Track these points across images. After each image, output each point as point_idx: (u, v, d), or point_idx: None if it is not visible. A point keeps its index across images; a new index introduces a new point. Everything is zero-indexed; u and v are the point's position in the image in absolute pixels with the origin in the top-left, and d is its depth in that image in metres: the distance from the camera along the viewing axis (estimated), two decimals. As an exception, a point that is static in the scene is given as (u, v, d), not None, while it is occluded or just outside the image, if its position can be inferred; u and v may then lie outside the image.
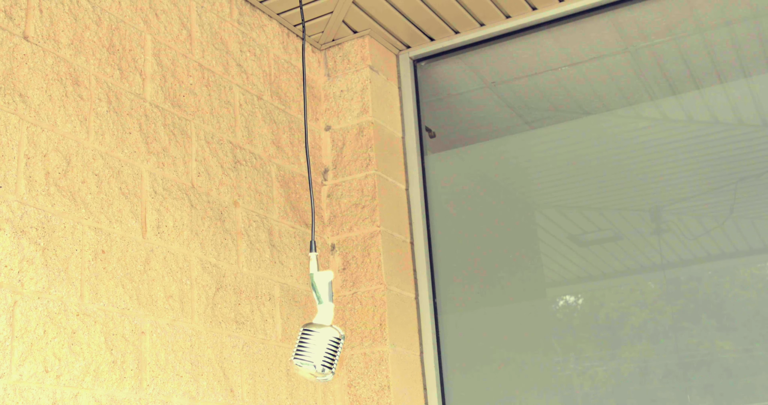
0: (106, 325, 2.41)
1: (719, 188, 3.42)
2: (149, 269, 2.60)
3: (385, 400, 3.23)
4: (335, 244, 3.48)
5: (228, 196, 2.99)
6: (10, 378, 2.12)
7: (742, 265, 3.46)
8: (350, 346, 3.35)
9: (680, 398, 3.28)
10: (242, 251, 3.00)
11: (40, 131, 2.36)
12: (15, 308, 2.17)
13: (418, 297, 3.54)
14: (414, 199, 3.66)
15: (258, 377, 2.93)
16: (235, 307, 2.90)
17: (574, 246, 3.72)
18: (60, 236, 2.34)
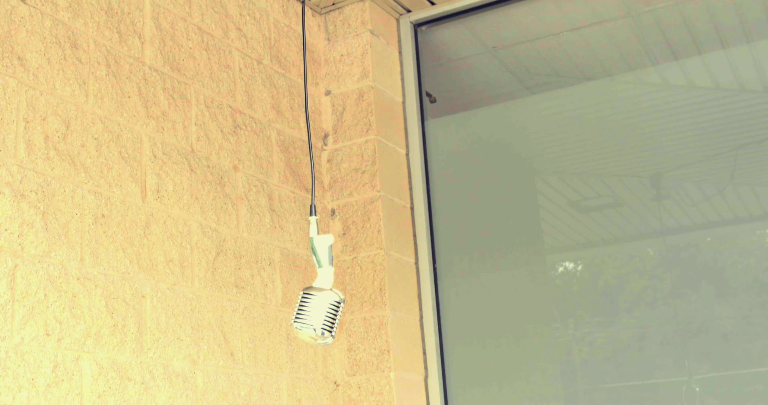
0: (106, 288, 2.41)
1: (720, 154, 3.42)
2: (149, 233, 2.60)
3: (385, 364, 3.25)
4: (335, 209, 3.48)
5: (228, 161, 2.99)
6: (12, 341, 2.13)
7: (742, 232, 3.46)
8: (350, 310, 3.36)
9: (678, 364, 3.30)
10: (242, 216, 3.00)
11: (39, 95, 2.35)
12: (15, 272, 2.18)
13: (417, 262, 3.55)
14: (414, 165, 3.65)
15: (258, 341, 2.94)
16: (236, 271, 2.91)
17: (574, 212, 3.72)
18: (60, 200, 2.34)
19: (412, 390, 3.34)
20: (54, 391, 2.20)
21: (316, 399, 3.16)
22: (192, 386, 2.63)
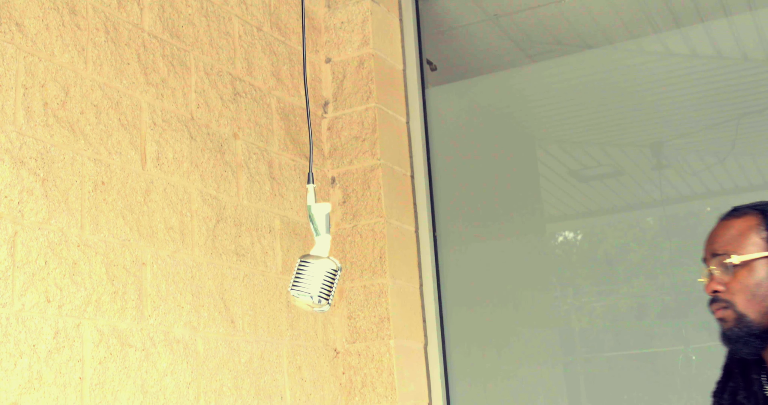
0: (106, 256, 2.42)
1: (721, 124, 3.41)
2: (149, 201, 2.60)
3: (385, 331, 3.26)
4: (335, 177, 3.48)
5: (228, 128, 2.98)
6: (13, 307, 2.13)
7: (742, 202, 3.46)
8: (350, 278, 3.37)
9: (676, 334, 3.31)
10: (242, 183, 3.00)
11: (38, 61, 2.34)
12: (16, 238, 2.18)
13: (418, 230, 3.55)
14: (414, 133, 3.64)
15: (258, 309, 2.95)
16: (236, 239, 2.91)
17: (575, 181, 3.72)
18: (59, 167, 2.33)
19: (412, 357, 3.36)
20: (55, 358, 2.21)
21: (316, 366, 3.17)
22: (193, 353, 2.64)
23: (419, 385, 3.37)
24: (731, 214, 1.96)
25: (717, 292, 1.90)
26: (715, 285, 1.90)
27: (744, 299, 1.86)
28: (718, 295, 1.90)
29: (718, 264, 1.89)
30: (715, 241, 1.93)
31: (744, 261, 1.86)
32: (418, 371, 3.38)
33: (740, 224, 1.91)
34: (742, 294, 1.86)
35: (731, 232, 1.91)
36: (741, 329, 1.86)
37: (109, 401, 2.33)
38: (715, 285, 1.90)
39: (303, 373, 3.10)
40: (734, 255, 1.87)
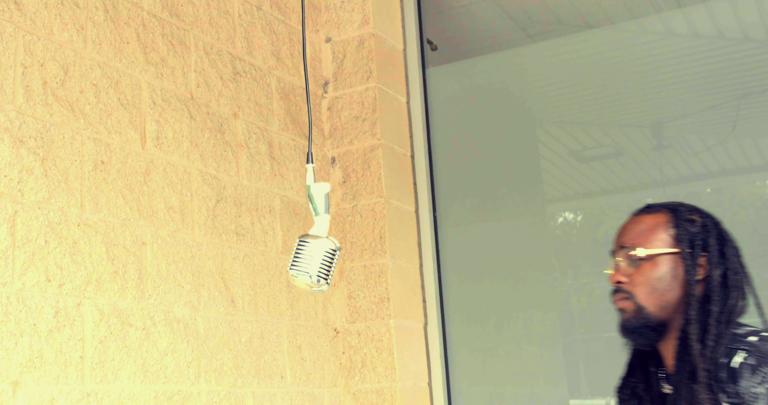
0: (107, 235, 2.42)
1: (722, 104, 3.40)
2: (149, 180, 2.59)
3: (385, 311, 3.27)
4: (335, 157, 3.47)
5: (228, 108, 2.97)
6: (13, 286, 2.14)
7: (742, 183, 3.46)
8: (350, 258, 3.37)
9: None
10: (242, 163, 2.99)
11: (36, 40, 2.33)
12: (16, 218, 2.18)
13: (418, 210, 3.55)
14: (415, 113, 3.63)
15: (258, 288, 2.96)
16: (236, 218, 2.91)
17: (575, 162, 3.71)
18: (59, 146, 2.33)
19: (412, 337, 3.37)
20: (56, 337, 2.22)
21: (316, 345, 3.18)
22: (193, 332, 2.65)
23: (419, 364, 3.38)
24: (643, 210, 2.02)
25: (620, 283, 1.95)
26: (620, 276, 1.95)
27: (644, 292, 1.91)
28: (620, 286, 1.95)
29: (624, 256, 1.94)
30: (625, 234, 1.98)
31: (649, 254, 1.92)
32: (418, 351, 3.39)
33: (650, 220, 1.97)
34: (643, 286, 1.91)
35: (641, 226, 1.97)
36: (638, 321, 1.92)
37: (110, 380, 2.34)
38: (619, 276, 1.95)
39: (303, 353, 3.11)
40: (640, 248, 1.92)
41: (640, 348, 1.98)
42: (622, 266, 1.95)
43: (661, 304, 1.91)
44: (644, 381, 2.02)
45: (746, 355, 1.78)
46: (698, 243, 1.92)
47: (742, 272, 1.96)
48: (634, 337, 1.94)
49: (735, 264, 1.94)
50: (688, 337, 1.85)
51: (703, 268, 1.92)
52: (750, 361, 1.77)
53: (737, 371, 1.77)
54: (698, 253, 1.91)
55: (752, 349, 1.78)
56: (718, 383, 1.78)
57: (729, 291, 1.90)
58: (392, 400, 3.21)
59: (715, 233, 1.94)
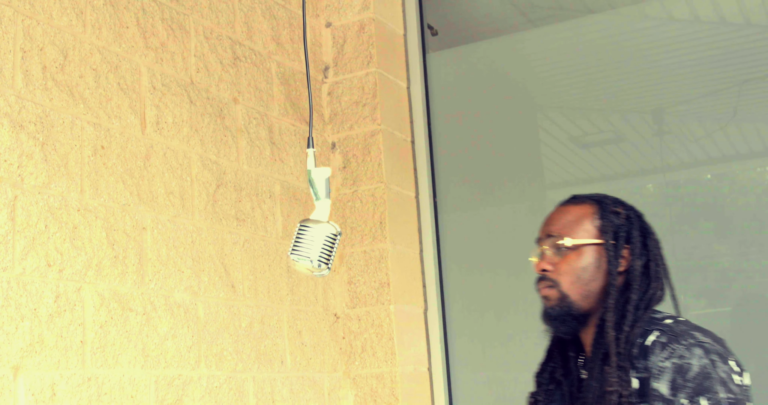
0: (107, 220, 2.42)
1: (723, 90, 3.39)
2: (149, 165, 2.59)
3: (385, 297, 3.27)
4: (336, 142, 3.47)
5: (228, 93, 2.96)
6: (14, 271, 2.14)
7: (742, 170, 3.45)
8: (350, 244, 3.38)
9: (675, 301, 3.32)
10: (242, 148, 2.99)
11: (36, 24, 2.32)
12: (16, 203, 2.17)
13: (418, 195, 3.55)
14: (415, 98, 3.62)
15: (259, 273, 2.96)
16: (236, 204, 2.91)
17: (575, 148, 3.71)
18: (59, 131, 2.33)
19: (412, 322, 3.37)
20: (56, 321, 2.22)
21: (316, 331, 3.19)
22: (193, 317, 2.65)
23: (419, 349, 3.39)
24: (570, 201, 2.06)
25: (545, 271, 1.99)
26: (545, 264, 1.99)
27: (569, 281, 1.95)
28: (546, 274, 1.99)
29: (551, 245, 1.98)
30: (552, 223, 2.02)
31: (575, 244, 1.95)
32: (417, 336, 3.40)
33: (577, 211, 2.01)
34: (568, 275, 1.96)
35: (568, 217, 2.00)
36: (562, 309, 1.96)
37: (111, 364, 2.34)
38: (544, 264, 1.99)
39: (303, 338, 3.11)
40: (567, 238, 1.96)
41: (561, 335, 2.02)
42: (548, 255, 1.99)
43: (584, 294, 1.95)
44: (563, 366, 2.06)
45: (659, 334, 1.85)
46: (622, 235, 1.97)
47: (662, 263, 2.01)
48: (557, 324, 1.98)
49: (656, 255, 1.99)
50: (605, 324, 1.90)
51: (625, 259, 1.96)
52: (662, 339, 1.83)
53: (649, 348, 1.83)
54: (622, 245, 1.96)
55: (665, 329, 1.85)
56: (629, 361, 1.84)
57: (649, 281, 1.96)
58: (392, 385, 3.21)
59: (637, 225, 1.99)
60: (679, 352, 1.80)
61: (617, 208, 2.00)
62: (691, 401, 1.75)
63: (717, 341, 1.84)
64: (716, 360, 1.79)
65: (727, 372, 1.78)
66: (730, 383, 1.77)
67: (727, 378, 1.77)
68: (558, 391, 2.05)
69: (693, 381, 1.77)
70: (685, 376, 1.77)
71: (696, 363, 1.78)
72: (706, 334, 1.85)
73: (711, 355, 1.79)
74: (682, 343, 1.81)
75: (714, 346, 1.81)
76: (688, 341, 1.81)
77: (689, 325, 1.88)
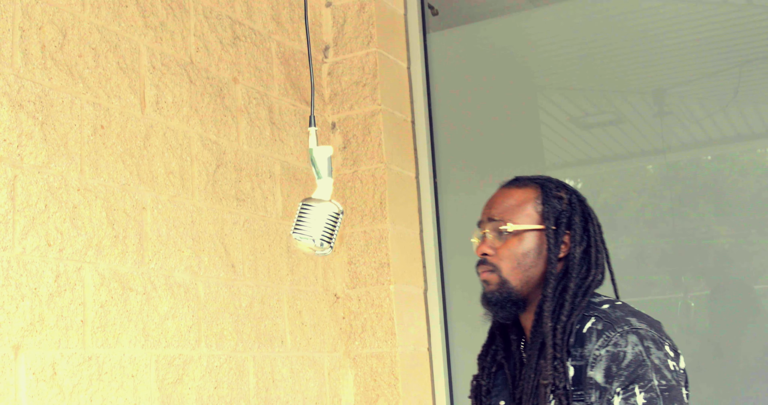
0: (107, 200, 2.41)
1: (724, 71, 3.38)
2: (149, 145, 2.59)
3: (385, 277, 3.28)
4: (336, 122, 3.46)
5: (227, 73, 2.95)
6: (14, 251, 2.14)
7: (743, 151, 3.45)
8: (350, 224, 3.37)
9: (675, 281, 3.32)
10: (242, 128, 2.98)
11: (35, 3, 2.31)
12: (15, 182, 2.17)
13: (418, 176, 3.55)
14: (415, 78, 3.61)
15: (259, 253, 2.96)
16: (236, 184, 2.91)
17: (576, 128, 3.70)
18: (58, 111, 2.32)
19: (412, 302, 3.38)
20: (57, 301, 2.22)
21: (316, 311, 3.19)
22: (194, 297, 2.65)
23: (419, 329, 3.40)
24: (513, 183, 2.03)
25: (486, 255, 1.96)
26: (486, 248, 1.96)
27: (509, 266, 1.93)
28: (486, 258, 1.96)
29: (492, 229, 1.96)
30: (494, 206, 1.99)
31: (517, 230, 1.93)
32: (417, 316, 3.40)
33: (520, 195, 1.99)
34: (508, 261, 1.94)
35: (510, 201, 1.98)
36: (501, 294, 1.94)
37: (111, 344, 2.35)
38: (485, 248, 1.96)
39: (303, 318, 3.12)
40: (509, 223, 1.94)
41: (500, 320, 2.00)
42: (489, 238, 1.96)
43: (524, 280, 1.93)
44: (505, 349, 2.04)
45: (595, 320, 1.84)
46: (563, 220, 1.95)
47: (603, 249, 1.99)
48: (496, 309, 1.95)
49: (596, 241, 1.97)
50: (543, 313, 1.89)
51: (566, 245, 1.95)
52: (598, 326, 1.82)
53: (585, 336, 1.83)
54: (563, 231, 1.94)
55: (602, 316, 1.84)
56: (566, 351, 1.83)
57: (589, 267, 1.94)
58: (392, 365, 3.22)
59: (579, 211, 1.97)
60: (614, 340, 1.79)
61: (560, 193, 1.98)
62: (626, 389, 1.75)
63: (652, 326, 1.83)
64: (651, 346, 1.78)
65: (662, 358, 1.78)
66: (664, 370, 1.76)
67: (661, 364, 1.77)
68: (501, 373, 2.04)
69: (627, 369, 1.76)
70: (620, 364, 1.76)
71: (630, 351, 1.77)
72: (642, 320, 1.84)
73: (646, 341, 1.78)
74: (617, 330, 1.80)
75: (649, 331, 1.80)
76: (623, 328, 1.80)
77: (626, 309, 1.87)
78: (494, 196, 2.03)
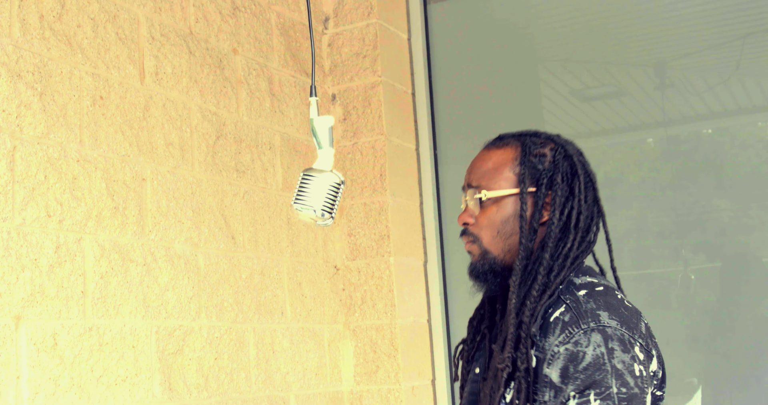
0: (106, 171, 2.41)
1: (726, 43, 3.36)
2: (148, 116, 2.58)
3: (385, 248, 3.28)
4: (336, 94, 3.45)
5: (227, 44, 2.94)
6: (14, 222, 2.13)
7: (743, 124, 3.44)
8: (350, 196, 3.37)
9: (674, 255, 3.33)
10: (242, 100, 2.97)
11: (33, -28, 2.29)
12: (15, 153, 2.16)
13: (418, 148, 3.54)
14: (416, 49, 3.60)
15: (259, 225, 2.96)
16: (236, 155, 2.90)
17: (576, 101, 3.69)
18: (57, 81, 2.31)
19: (412, 274, 3.38)
20: (57, 272, 2.22)
21: (316, 282, 3.20)
22: (194, 268, 2.65)
23: (419, 301, 3.40)
24: (494, 143, 1.87)
25: (467, 225, 1.84)
26: (467, 217, 1.84)
27: (489, 235, 1.80)
28: (467, 227, 1.84)
29: (471, 196, 1.83)
30: (473, 171, 1.85)
31: (493, 197, 1.79)
32: (417, 288, 3.41)
33: (498, 156, 1.82)
34: (488, 230, 1.80)
35: (488, 164, 1.82)
36: (483, 265, 1.81)
37: (111, 315, 2.35)
38: (466, 217, 1.84)
39: (303, 289, 3.12)
40: (485, 190, 1.80)
41: (487, 293, 1.87)
42: (470, 206, 1.83)
43: (506, 248, 1.79)
44: (490, 318, 1.91)
45: (564, 309, 1.67)
46: (544, 181, 1.77)
47: (592, 211, 1.80)
48: (480, 281, 1.83)
49: (582, 202, 1.77)
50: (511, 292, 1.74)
51: (547, 209, 1.77)
52: (564, 318, 1.65)
53: (551, 326, 1.66)
54: (544, 193, 1.76)
55: (572, 305, 1.66)
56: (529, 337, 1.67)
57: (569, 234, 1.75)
58: (392, 337, 3.23)
59: (564, 169, 1.78)
60: (576, 338, 1.61)
61: (543, 149, 1.80)
62: (581, 394, 1.58)
63: (625, 323, 1.64)
64: (615, 348, 1.60)
65: (626, 362, 1.60)
66: (626, 375, 1.59)
67: (625, 369, 1.59)
68: (483, 342, 1.91)
69: (584, 372, 1.59)
70: (577, 365, 1.60)
71: (591, 352, 1.59)
72: (615, 315, 1.65)
73: (611, 342, 1.60)
74: (581, 327, 1.62)
75: (618, 330, 1.62)
76: (589, 325, 1.62)
77: (602, 300, 1.67)
78: (474, 159, 1.88)
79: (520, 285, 1.72)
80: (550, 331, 1.65)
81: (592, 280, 1.73)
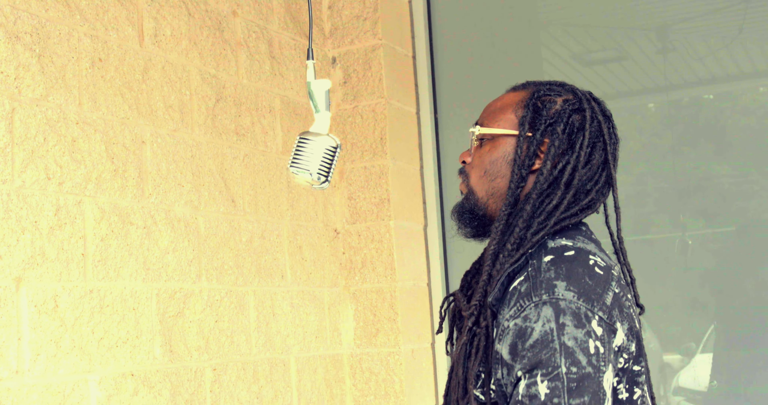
0: (106, 133, 2.40)
1: (729, 7, 3.34)
2: (148, 78, 2.56)
3: (385, 212, 3.28)
4: (336, 57, 3.43)
5: (226, 5, 2.91)
6: (13, 184, 2.13)
7: (744, 90, 3.43)
8: (351, 159, 3.37)
9: (674, 220, 3.33)
10: (242, 62, 2.95)
11: (30, -69, 2.26)
12: (13, 115, 2.15)
13: (419, 112, 3.53)
14: (417, 12, 3.57)
15: (259, 188, 2.96)
16: (236, 118, 2.89)
17: (578, 65, 3.67)
18: (55, 43, 2.29)
19: (412, 238, 3.39)
20: (57, 234, 2.22)
21: (316, 246, 3.20)
22: (194, 231, 2.66)
23: (418, 265, 3.41)
24: (515, 87, 1.75)
25: (464, 163, 1.75)
26: (465, 155, 1.75)
27: (476, 174, 1.70)
28: (464, 165, 1.75)
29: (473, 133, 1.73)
30: (483, 110, 1.75)
31: (488, 135, 1.69)
32: (417, 252, 3.42)
33: (509, 98, 1.71)
34: (477, 169, 1.70)
35: (497, 104, 1.72)
36: (464, 205, 1.72)
37: (112, 277, 2.36)
38: (465, 155, 1.75)
39: (303, 253, 3.13)
40: (479, 126, 1.71)
41: (465, 236, 1.74)
42: (473, 145, 1.72)
43: (490, 191, 1.68)
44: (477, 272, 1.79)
45: (524, 278, 1.52)
46: (542, 127, 1.63)
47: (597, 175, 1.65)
48: (460, 222, 1.73)
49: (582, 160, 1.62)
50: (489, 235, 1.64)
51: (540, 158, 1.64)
52: (521, 288, 1.50)
53: (509, 295, 1.53)
54: (539, 140, 1.62)
55: (532, 274, 1.51)
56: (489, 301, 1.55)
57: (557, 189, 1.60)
58: (392, 300, 3.25)
59: (569, 120, 1.63)
60: (526, 312, 1.46)
61: (555, 98, 1.66)
62: (529, 374, 1.43)
63: (584, 294, 1.47)
64: (567, 324, 1.43)
65: (579, 338, 1.42)
66: (578, 353, 1.42)
67: (576, 346, 1.42)
68: None
69: (531, 350, 1.43)
70: (525, 343, 1.45)
71: (539, 328, 1.44)
72: (574, 284, 1.48)
73: (563, 317, 1.43)
74: (533, 300, 1.46)
75: (573, 303, 1.45)
76: (541, 297, 1.46)
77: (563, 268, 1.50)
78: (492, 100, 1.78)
79: (502, 233, 1.61)
80: (506, 303, 1.52)
81: (566, 243, 1.57)
